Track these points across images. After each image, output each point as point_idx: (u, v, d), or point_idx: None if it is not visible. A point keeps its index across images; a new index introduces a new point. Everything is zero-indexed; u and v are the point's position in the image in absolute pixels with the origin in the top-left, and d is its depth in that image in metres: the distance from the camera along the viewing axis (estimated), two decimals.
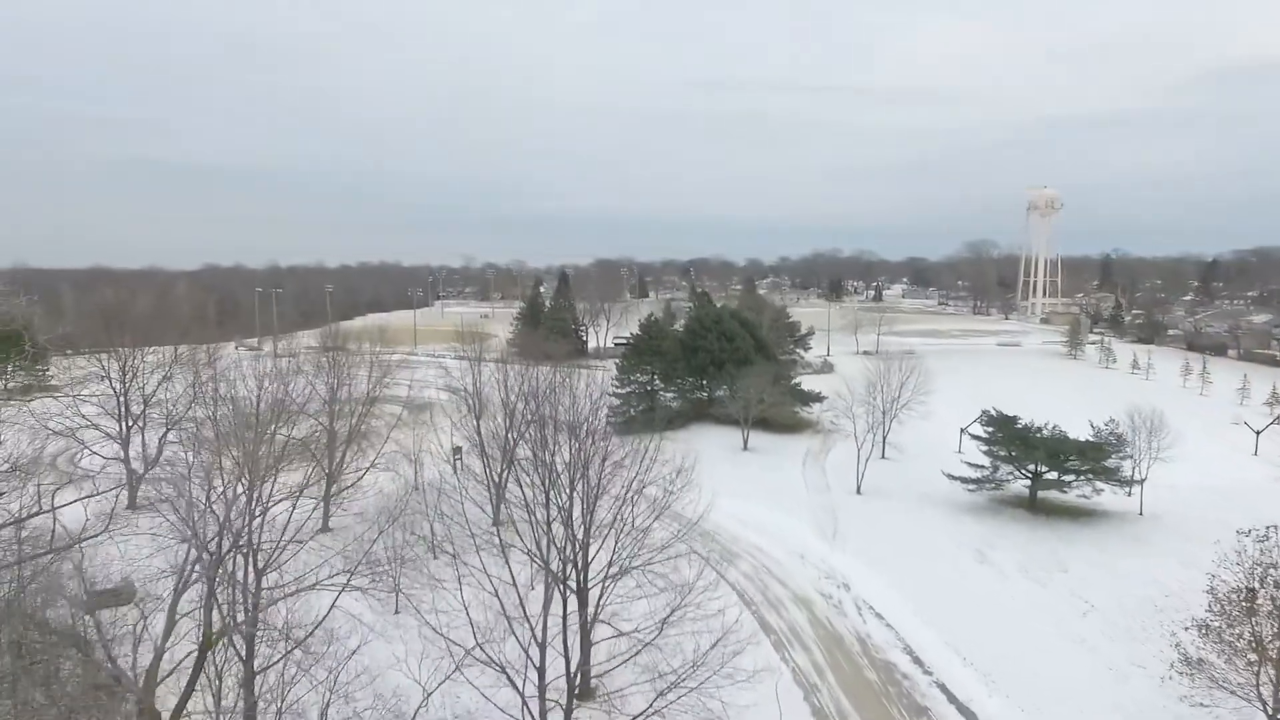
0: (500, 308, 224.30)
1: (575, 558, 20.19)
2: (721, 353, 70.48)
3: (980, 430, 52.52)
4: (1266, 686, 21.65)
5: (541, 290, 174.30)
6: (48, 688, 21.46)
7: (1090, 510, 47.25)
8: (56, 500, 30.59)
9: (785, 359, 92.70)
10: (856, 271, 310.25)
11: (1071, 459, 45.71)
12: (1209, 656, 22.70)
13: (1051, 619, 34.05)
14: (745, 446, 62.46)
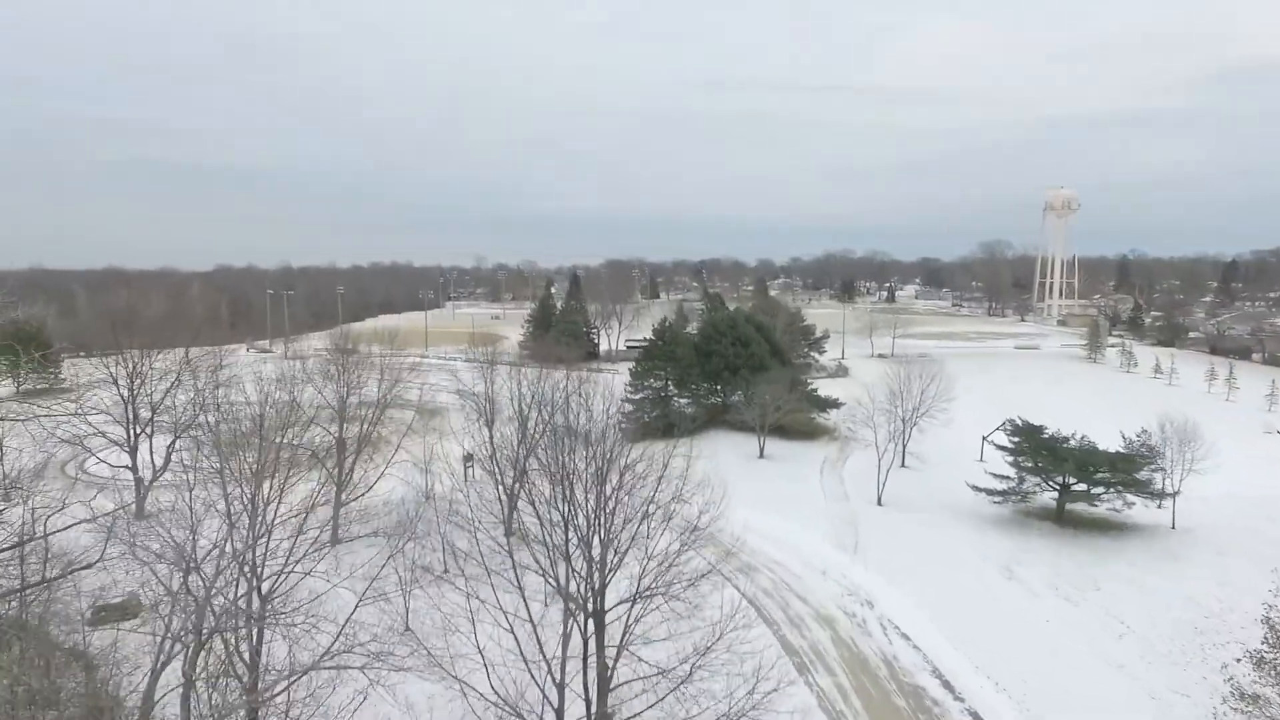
0: (511, 308, 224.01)
1: (594, 593, 19.05)
2: (736, 358, 69.29)
3: (1005, 439, 51.08)
4: None
5: (553, 291, 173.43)
6: (48, 709, 20.70)
7: (1120, 524, 45.77)
8: (64, 512, 29.88)
9: (799, 363, 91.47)
10: (869, 272, 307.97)
11: (1101, 471, 44.24)
12: (1266, 693, 21.38)
13: (1085, 641, 32.70)
14: (761, 454, 61.25)
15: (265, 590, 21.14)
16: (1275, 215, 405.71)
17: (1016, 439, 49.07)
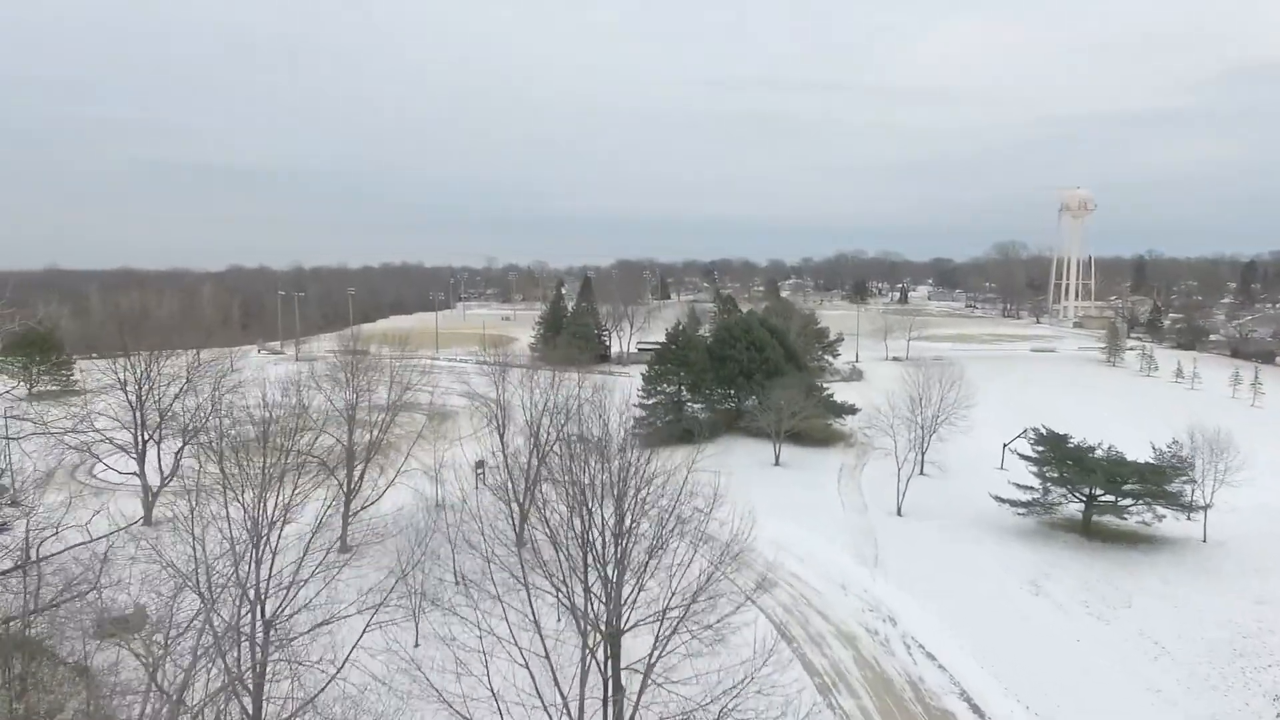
0: (521, 309, 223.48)
1: (611, 631, 18.03)
2: (751, 363, 68.20)
3: (1028, 448, 49.77)
4: None
5: (563, 292, 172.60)
6: None
7: (1149, 536, 44.41)
8: (69, 524, 29.23)
9: (814, 366, 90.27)
10: (880, 272, 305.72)
11: (1130, 482, 42.92)
12: None
13: (1118, 661, 31.48)
14: (777, 461, 60.16)
15: (269, 614, 20.32)
16: None
17: (1041, 448, 47.75)
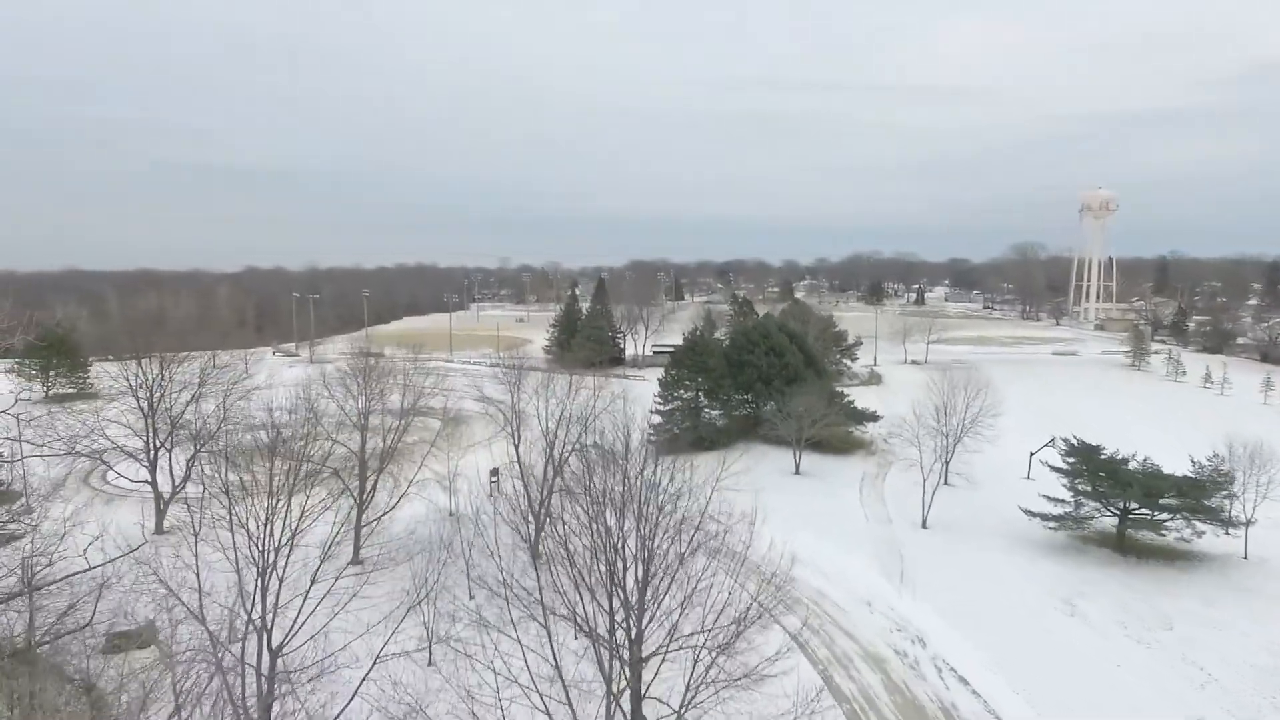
0: (535, 310, 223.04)
1: (631, 670, 16.96)
2: (770, 369, 66.89)
3: (1059, 460, 48.16)
4: None
5: (577, 293, 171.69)
6: None
7: (1187, 553, 42.76)
8: (77, 534, 28.49)
9: (832, 370, 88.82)
10: (897, 273, 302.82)
11: (1168, 496, 41.31)
12: None
13: (1161, 689, 29.99)
14: (797, 470, 58.85)
15: (276, 643, 19.39)
16: None
17: (1072, 460, 46.16)
